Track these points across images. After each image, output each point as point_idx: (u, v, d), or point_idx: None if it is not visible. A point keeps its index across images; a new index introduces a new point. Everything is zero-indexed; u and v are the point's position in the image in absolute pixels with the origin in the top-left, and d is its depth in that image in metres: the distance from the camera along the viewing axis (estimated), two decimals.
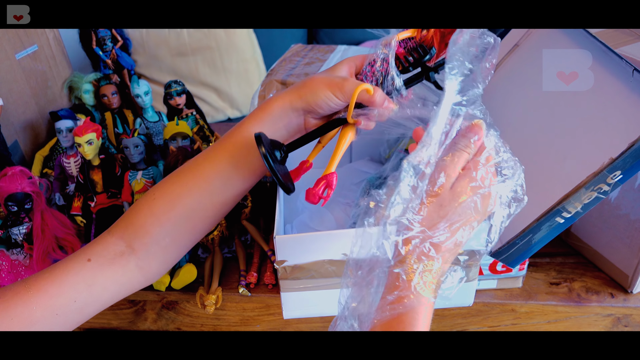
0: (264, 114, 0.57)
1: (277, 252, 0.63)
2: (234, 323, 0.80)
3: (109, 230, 0.56)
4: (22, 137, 1.04)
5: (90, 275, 0.52)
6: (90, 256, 0.52)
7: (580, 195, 0.58)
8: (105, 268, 0.53)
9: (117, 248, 0.54)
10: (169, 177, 0.58)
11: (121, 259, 0.54)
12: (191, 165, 0.57)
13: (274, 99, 0.58)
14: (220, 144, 0.58)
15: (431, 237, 0.48)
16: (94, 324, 0.82)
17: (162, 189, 0.56)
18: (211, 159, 0.56)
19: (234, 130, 0.58)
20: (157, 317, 0.80)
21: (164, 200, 0.55)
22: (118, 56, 1.12)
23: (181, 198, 0.55)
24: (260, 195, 0.89)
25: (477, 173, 0.49)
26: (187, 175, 0.56)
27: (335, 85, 0.55)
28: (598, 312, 0.74)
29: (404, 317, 0.47)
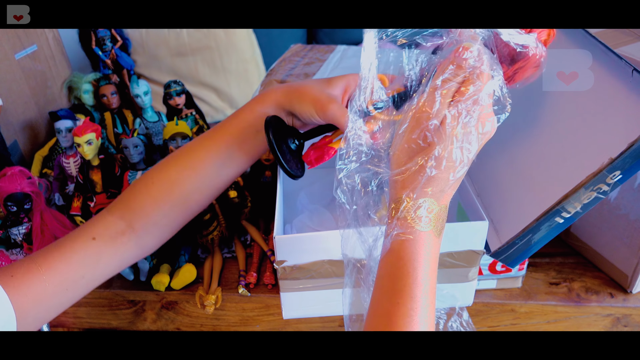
0: (257, 104, 0.59)
1: (277, 252, 0.63)
2: (233, 323, 0.80)
3: (109, 210, 0.58)
4: (22, 137, 1.04)
5: (96, 252, 0.55)
6: (95, 235, 0.55)
7: (579, 195, 0.58)
8: (109, 246, 0.56)
9: (118, 227, 0.57)
10: (166, 160, 0.60)
11: (122, 237, 0.57)
12: (188, 150, 0.59)
13: (270, 93, 0.59)
14: (216, 131, 0.59)
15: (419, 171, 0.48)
16: (94, 324, 0.82)
17: (160, 173, 0.58)
18: (207, 146, 0.59)
19: (229, 119, 0.60)
20: (157, 317, 0.80)
21: (161, 184, 0.58)
22: (117, 56, 1.12)
23: (179, 183, 0.58)
24: (260, 196, 0.89)
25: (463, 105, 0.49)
26: (184, 160, 0.59)
27: (319, 104, 0.56)
28: (598, 312, 0.74)
29: (402, 248, 0.47)
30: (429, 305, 0.47)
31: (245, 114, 0.59)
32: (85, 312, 0.81)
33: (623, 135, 0.57)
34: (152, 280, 0.76)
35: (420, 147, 0.49)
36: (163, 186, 0.58)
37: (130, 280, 0.79)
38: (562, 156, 0.63)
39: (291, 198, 0.88)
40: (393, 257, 0.48)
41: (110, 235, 0.56)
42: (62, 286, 0.53)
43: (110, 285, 0.79)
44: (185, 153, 0.59)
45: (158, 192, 0.58)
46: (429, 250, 0.48)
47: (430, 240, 0.48)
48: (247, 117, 0.59)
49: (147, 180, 0.58)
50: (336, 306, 0.70)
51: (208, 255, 0.83)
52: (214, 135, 0.59)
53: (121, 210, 0.57)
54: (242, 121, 0.59)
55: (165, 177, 0.58)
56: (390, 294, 0.47)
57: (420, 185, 0.48)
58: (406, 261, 0.47)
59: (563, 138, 0.64)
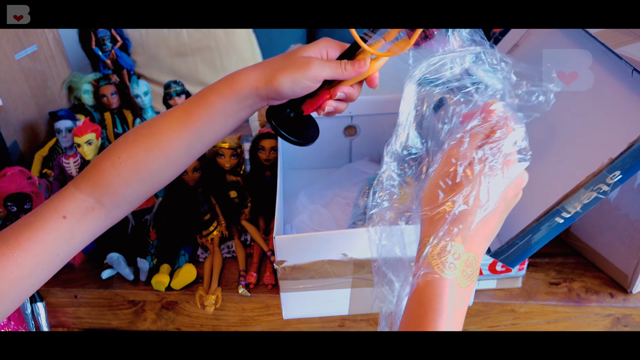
0: (230, 91, 0.58)
1: (277, 252, 0.63)
2: (233, 323, 0.80)
3: (76, 186, 0.58)
4: (22, 137, 1.04)
5: (69, 230, 0.56)
6: (65, 213, 0.56)
7: (579, 196, 0.58)
8: (81, 223, 0.57)
9: (87, 204, 0.57)
10: (133, 138, 0.59)
11: (93, 213, 0.58)
12: (156, 131, 0.59)
13: (243, 78, 0.58)
14: (187, 113, 0.59)
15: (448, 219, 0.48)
16: (94, 324, 0.82)
17: (127, 152, 0.58)
18: (177, 129, 0.58)
19: (197, 101, 0.59)
20: (157, 318, 0.80)
21: (130, 164, 0.58)
22: (117, 56, 1.12)
23: (147, 162, 0.58)
24: (260, 196, 0.89)
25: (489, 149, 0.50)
26: (152, 140, 0.58)
27: (301, 73, 0.57)
28: (597, 312, 0.74)
29: (424, 294, 0.47)
30: None
31: (217, 99, 0.58)
32: (85, 312, 0.81)
33: (623, 135, 0.57)
34: (152, 280, 0.76)
35: (449, 187, 0.50)
36: (131, 166, 0.58)
37: (130, 280, 0.79)
38: (562, 156, 0.63)
39: (291, 198, 0.88)
40: (415, 301, 0.47)
41: (81, 213, 0.57)
42: (37, 267, 0.54)
43: (110, 285, 0.79)
44: (153, 133, 0.59)
45: (126, 172, 0.58)
46: (452, 298, 0.46)
47: (454, 289, 0.47)
48: (218, 103, 0.58)
49: (113, 159, 0.58)
50: (336, 306, 0.70)
51: (208, 255, 0.83)
52: (184, 118, 0.59)
53: (89, 187, 0.58)
54: (213, 106, 0.58)
55: (134, 156, 0.58)
56: None
57: (447, 224, 0.48)
58: (427, 308, 0.46)
59: (563, 138, 0.64)
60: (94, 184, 0.57)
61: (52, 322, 0.82)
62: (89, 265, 0.83)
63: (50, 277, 0.57)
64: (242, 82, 0.58)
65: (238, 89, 0.58)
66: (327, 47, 0.60)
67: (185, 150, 0.59)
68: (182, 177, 0.83)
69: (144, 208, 0.89)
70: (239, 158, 0.89)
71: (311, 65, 0.57)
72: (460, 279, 0.47)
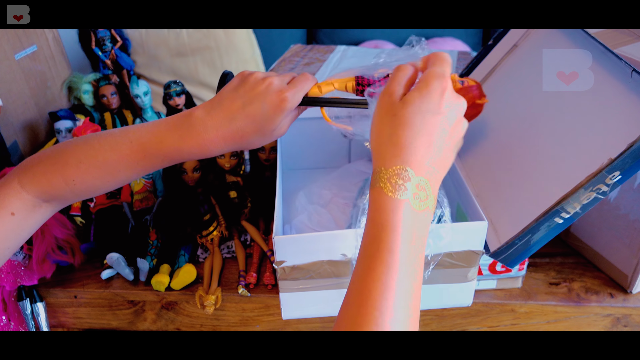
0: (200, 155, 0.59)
1: (276, 252, 0.63)
2: (233, 323, 0.80)
3: (22, 185, 0.59)
4: (22, 137, 1.04)
5: (18, 226, 0.59)
6: (12, 210, 0.58)
7: (579, 196, 0.58)
8: (29, 217, 0.60)
9: (34, 202, 0.60)
10: (86, 167, 0.59)
11: (40, 209, 0.60)
12: (110, 168, 0.59)
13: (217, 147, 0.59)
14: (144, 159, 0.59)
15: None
16: (94, 324, 0.82)
17: (82, 179, 0.59)
18: (133, 169, 0.60)
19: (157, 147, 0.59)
20: (157, 318, 0.80)
21: (84, 187, 0.60)
22: (117, 56, 1.12)
23: (101, 188, 0.62)
24: (259, 196, 0.89)
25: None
26: (106, 175, 0.60)
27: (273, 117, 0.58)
28: (597, 312, 0.74)
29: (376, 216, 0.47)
30: (411, 279, 0.46)
31: (186, 156, 0.59)
32: (85, 312, 0.81)
33: (622, 135, 0.57)
34: (152, 280, 0.76)
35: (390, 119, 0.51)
36: (86, 189, 0.60)
37: (130, 280, 0.79)
38: (561, 156, 0.63)
39: (290, 198, 0.88)
40: (370, 224, 0.48)
41: (28, 209, 0.59)
42: None
43: (110, 285, 0.79)
44: (109, 169, 0.60)
45: (80, 190, 0.60)
46: (407, 218, 0.47)
47: (408, 209, 0.47)
48: (183, 152, 0.59)
49: (66, 178, 0.59)
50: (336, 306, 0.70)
51: (208, 255, 0.83)
52: (143, 162, 0.59)
53: (37, 192, 0.59)
54: (176, 156, 0.59)
55: (89, 184, 0.60)
56: (364, 261, 0.47)
57: (392, 153, 0.49)
58: (381, 227, 0.46)
59: (562, 138, 0.64)
60: (43, 191, 0.59)
61: (52, 322, 0.82)
62: (89, 265, 0.83)
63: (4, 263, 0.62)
64: (205, 154, 0.59)
65: (201, 157, 0.60)
66: None
67: (141, 176, 0.64)
68: (182, 177, 0.83)
69: (144, 208, 0.89)
70: (238, 158, 0.89)
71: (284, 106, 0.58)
72: (413, 200, 0.47)
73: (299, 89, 0.59)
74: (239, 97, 0.58)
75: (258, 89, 0.57)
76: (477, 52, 0.85)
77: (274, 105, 0.57)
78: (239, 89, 0.58)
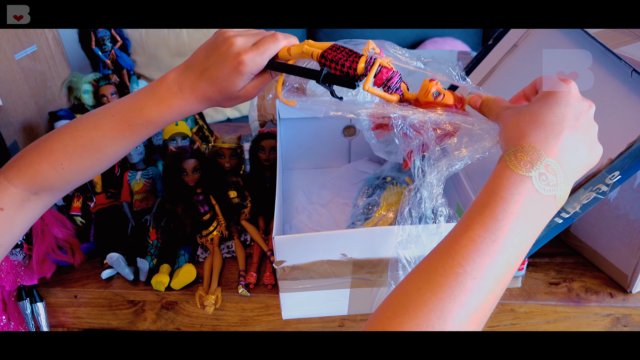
0: (178, 116, 0.59)
1: (276, 252, 0.63)
2: (233, 323, 0.80)
3: (8, 180, 0.59)
4: (22, 137, 1.04)
5: (8, 222, 0.59)
6: (2, 206, 0.58)
7: (579, 196, 0.58)
8: (19, 212, 0.59)
9: (23, 196, 0.59)
10: (72, 148, 0.59)
11: (29, 203, 0.60)
12: (97, 144, 0.59)
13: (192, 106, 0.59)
14: (128, 128, 0.59)
15: None
16: (94, 324, 0.82)
17: (70, 160, 0.59)
18: (120, 141, 0.60)
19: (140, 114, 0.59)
20: (157, 318, 0.80)
21: (72, 169, 0.60)
22: (117, 56, 1.12)
23: (92, 168, 0.61)
24: (259, 196, 0.89)
25: None
26: (94, 152, 0.60)
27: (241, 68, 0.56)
28: (597, 312, 0.74)
29: (495, 181, 0.44)
30: (505, 261, 0.42)
31: (168, 117, 0.59)
32: (85, 312, 0.81)
33: (622, 135, 0.57)
34: (152, 280, 0.76)
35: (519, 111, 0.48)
36: (75, 171, 0.60)
37: (130, 280, 0.79)
38: None
39: (290, 198, 0.88)
40: (483, 191, 0.44)
41: (17, 204, 0.59)
42: None
43: (110, 285, 0.79)
44: (96, 145, 0.59)
45: (70, 175, 0.60)
46: (524, 196, 0.43)
47: (529, 187, 0.43)
48: (164, 114, 0.59)
49: (53, 162, 0.59)
50: (336, 306, 0.70)
51: (208, 255, 0.83)
52: (129, 132, 0.59)
53: (25, 183, 0.59)
54: (158, 119, 0.59)
55: (78, 165, 0.60)
56: (462, 220, 0.44)
57: (521, 132, 0.46)
58: (493, 196, 0.43)
59: None
60: (31, 181, 0.59)
61: (52, 322, 0.82)
62: (89, 265, 0.83)
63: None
64: (186, 112, 0.59)
65: (183, 116, 0.59)
66: None
67: (127, 151, 0.62)
68: (182, 177, 0.83)
69: (144, 208, 0.89)
70: (239, 158, 0.89)
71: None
72: (537, 181, 0.43)
73: (261, 52, 0.56)
74: (205, 58, 0.58)
75: (221, 49, 0.56)
76: (477, 52, 0.85)
77: (231, 67, 0.55)
78: (208, 48, 0.58)
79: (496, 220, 0.42)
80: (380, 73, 0.55)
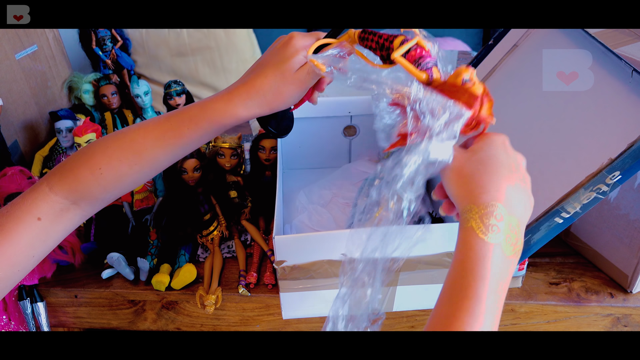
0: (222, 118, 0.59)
1: (277, 252, 0.63)
2: (233, 323, 0.80)
3: (50, 187, 0.57)
4: (22, 137, 1.04)
5: (44, 232, 0.56)
6: (39, 215, 0.56)
7: (579, 196, 0.58)
8: (56, 223, 0.57)
9: (62, 205, 0.57)
10: (112, 151, 0.59)
11: (67, 213, 0.58)
12: (138, 147, 0.59)
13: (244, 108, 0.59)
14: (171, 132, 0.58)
15: None
16: (94, 324, 0.82)
17: (108, 165, 0.58)
18: (160, 146, 0.58)
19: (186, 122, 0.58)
20: (157, 317, 0.81)
21: (110, 175, 0.58)
22: (118, 56, 1.12)
23: (129, 175, 0.59)
24: (260, 196, 0.89)
25: None
26: (134, 156, 0.58)
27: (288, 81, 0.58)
28: (597, 312, 0.74)
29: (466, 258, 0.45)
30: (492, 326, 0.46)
31: (207, 125, 0.59)
32: (85, 312, 0.81)
33: (623, 135, 0.57)
34: (152, 280, 0.76)
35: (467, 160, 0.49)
36: (114, 177, 0.58)
37: (130, 280, 0.79)
38: (561, 157, 0.63)
39: (291, 198, 0.88)
40: (458, 266, 0.46)
41: (55, 214, 0.57)
42: (13, 268, 0.54)
43: (111, 285, 0.79)
44: (136, 148, 0.59)
45: (108, 181, 0.58)
46: (497, 264, 0.45)
47: (498, 254, 0.45)
48: (208, 127, 0.59)
49: (92, 167, 0.58)
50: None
51: (208, 255, 0.83)
52: (171, 137, 0.58)
53: (65, 191, 0.57)
54: (203, 129, 0.59)
55: (116, 169, 0.58)
56: (448, 306, 0.46)
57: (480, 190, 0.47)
58: (469, 273, 0.45)
59: (562, 138, 0.64)
60: (70, 188, 0.57)
61: (53, 322, 0.82)
62: (89, 265, 0.83)
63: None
64: (241, 113, 0.59)
65: (236, 119, 0.59)
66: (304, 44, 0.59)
67: (169, 162, 0.61)
68: (182, 177, 0.83)
69: (144, 208, 0.89)
70: (239, 158, 0.89)
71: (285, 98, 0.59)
72: (505, 244, 0.45)
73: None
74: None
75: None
76: (477, 52, 0.85)
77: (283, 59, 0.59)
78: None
79: (479, 301, 0.45)
80: (414, 50, 0.54)
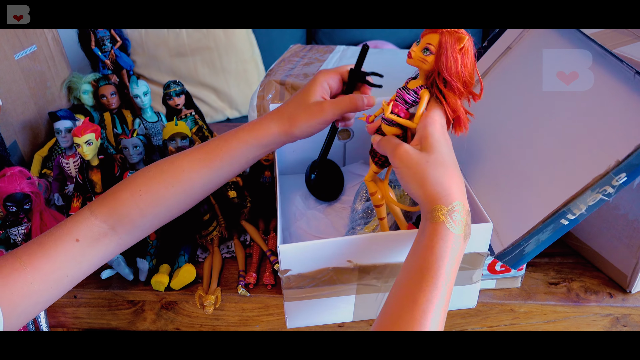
0: (253, 140, 0.64)
1: (281, 261, 0.62)
2: (233, 323, 0.80)
3: (92, 211, 0.60)
4: (21, 137, 1.04)
5: (80, 254, 0.58)
6: (78, 237, 0.58)
7: (585, 197, 0.58)
8: (92, 247, 0.59)
9: (101, 229, 0.59)
10: (153, 173, 0.62)
11: (105, 239, 0.60)
12: (175, 169, 0.62)
13: (265, 128, 0.64)
14: (206, 155, 0.63)
15: None
16: (94, 324, 0.82)
17: (147, 186, 0.61)
18: (196, 168, 0.63)
19: (220, 145, 0.63)
20: (156, 318, 0.80)
21: (149, 197, 0.61)
22: (117, 56, 1.12)
23: (166, 197, 0.62)
24: (259, 196, 0.89)
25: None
26: (171, 177, 0.62)
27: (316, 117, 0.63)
28: (597, 312, 0.74)
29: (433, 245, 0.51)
30: (446, 298, 0.50)
31: (240, 146, 0.63)
32: (85, 312, 0.81)
33: (629, 137, 0.56)
34: (152, 280, 0.76)
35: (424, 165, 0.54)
36: (151, 200, 0.61)
37: (129, 280, 0.79)
38: (567, 159, 0.63)
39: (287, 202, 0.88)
40: (423, 246, 0.51)
41: (93, 237, 0.59)
42: (46, 285, 0.55)
43: (110, 285, 0.79)
44: (174, 171, 0.62)
45: (145, 204, 0.61)
46: (455, 250, 0.51)
47: (459, 242, 0.51)
48: (241, 149, 0.63)
49: (133, 189, 0.61)
50: (341, 313, 0.70)
51: (207, 255, 0.83)
52: (207, 159, 0.63)
53: (105, 214, 0.60)
54: (236, 152, 0.63)
55: (154, 191, 0.61)
56: (416, 282, 0.50)
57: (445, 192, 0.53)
58: (431, 252, 0.50)
59: (566, 140, 0.64)
60: (110, 211, 0.60)
61: (52, 322, 0.82)
62: None
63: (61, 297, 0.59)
64: (264, 131, 0.64)
65: (260, 138, 0.64)
66: (327, 79, 0.66)
67: (204, 187, 0.64)
68: None
69: None
70: None
71: (325, 111, 0.63)
72: (464, 232, 0.52)
73: None
74: None
75: None
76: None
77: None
78: None
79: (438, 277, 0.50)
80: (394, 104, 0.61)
